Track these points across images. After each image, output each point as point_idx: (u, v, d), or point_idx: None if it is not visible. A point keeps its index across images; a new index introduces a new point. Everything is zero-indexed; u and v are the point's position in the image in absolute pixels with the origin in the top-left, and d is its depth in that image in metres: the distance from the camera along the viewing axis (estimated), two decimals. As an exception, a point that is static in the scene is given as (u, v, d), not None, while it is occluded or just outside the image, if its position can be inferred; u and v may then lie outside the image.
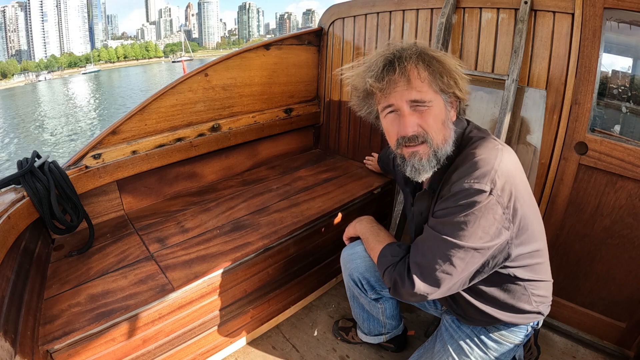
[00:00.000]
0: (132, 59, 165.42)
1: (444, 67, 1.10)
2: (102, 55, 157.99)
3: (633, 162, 1.55)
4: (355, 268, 1.60)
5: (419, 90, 1.09)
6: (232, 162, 2.55)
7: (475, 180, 1.02)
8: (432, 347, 1.50)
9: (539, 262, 1.21)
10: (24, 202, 1.52)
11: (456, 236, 1.04)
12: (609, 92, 1.63)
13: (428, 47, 1.14)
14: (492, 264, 1.11)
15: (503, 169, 1.04)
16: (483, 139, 1.15)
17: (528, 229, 1.11)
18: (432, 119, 1.11)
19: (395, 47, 1.14)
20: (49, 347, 1.25)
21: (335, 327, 1.99)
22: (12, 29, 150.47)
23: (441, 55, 1.12)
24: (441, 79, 1.10)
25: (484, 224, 1.02)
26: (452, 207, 1.06)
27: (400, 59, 1.09)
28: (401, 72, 1.08)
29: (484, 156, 1.06)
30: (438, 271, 1.08)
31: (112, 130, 1.95)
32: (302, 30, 2.76)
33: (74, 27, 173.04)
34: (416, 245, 1.17)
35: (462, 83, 1.14)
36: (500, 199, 1.02)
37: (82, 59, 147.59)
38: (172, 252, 1.71)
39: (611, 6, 1.51)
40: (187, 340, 1.62)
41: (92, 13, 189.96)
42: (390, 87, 1.10)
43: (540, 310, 1.29)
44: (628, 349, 1.78)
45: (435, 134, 1.12)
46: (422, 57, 1.10)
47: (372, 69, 1.13)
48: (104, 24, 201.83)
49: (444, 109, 1.13)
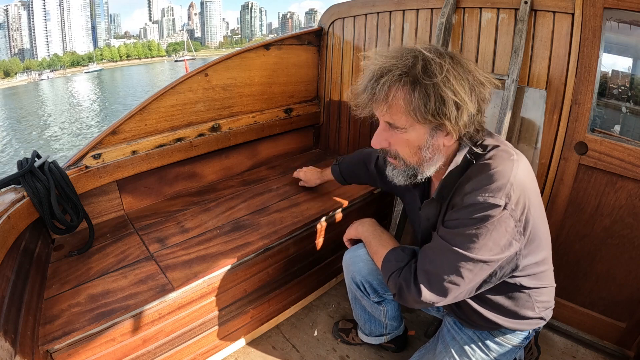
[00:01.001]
0: (134, 58, 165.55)
1: (438, 96, 0.96)
2: (105, 54, 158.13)
3: (633, 162, 1.55)
4: (357, 271, 1.59)
5: (392, 115, 1.04)
6: (232, 162, 2.55)
7: (490, 194, 0.99)
8: (434, 348, 1.50)
9: (545, 270, 1.20)
10: (24, 202, 1.52)
11: (467, 248, 1.03)
12: (609, 92, 1.63)
13: (434, 64, 0.97)
14: (499, 274, 1.10)
15: (518, 182, 1.01)
16: (498, 148, 1.09)
17: (536, 238, 1.09)
18: (404, 144, 1.09)
19: (389, 59, 1.03)
20: (49, 347, 1.25)
21: (335, 329, 1.99)
22: (15, 27, 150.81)
23: (441, 81, 0.96)
24: (424, 108, 0.98)
25: (495, 237, 1.01)
26: (464, 218, 1.03)
27: (384, 78, 1.00)
28: (381, 91, 1.01)
29: (499, 168, 1.02)
30: (446, 281, 1.07)
31: (112, 130, 1.95)
32: (303, 30, 2.76)
33: (77, 26, 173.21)
34: (425, 253, 1.15)
35: (462, 115, 0.99)
36: (514, 212, 1.00)
37: (84, 57, 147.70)
38: (172, 252, 1.71)
39: (611, 6, 1.50)
40: (187, 340, 1.62)
41: (95, 12, 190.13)
42: (372, 101, 1.06)
43: (542, 316, 1.28)
44: (628, 349, 1.78)
45: (407, 157, 1.11)
46: (410, 79, 0.98)
47: (359, 82, 1.09)
48: (106, 23, 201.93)
49: (424, 136, 1.06)
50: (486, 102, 1.05)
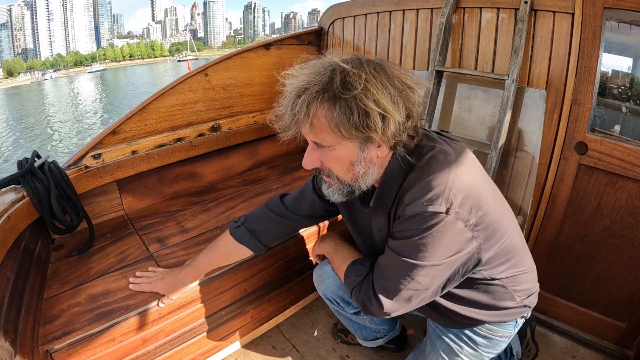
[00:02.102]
0: (137, 58, 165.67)
1: (361, 107, 0.91)
2: (108, 54, 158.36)
3: (633, 162, 1.55)
4: (327, 288, 1.61)
5: (317, 134, 0.99)
6: (232, 162, 2.56)
7: (429, 202, 0.96)
8: (425, 349, 1.50)
9: (515, 256, 1.17)
10: (24, 202, 1.53)
11: (416, 257, 1.01)
12: (609, 92, 1.63)
13: (352, 76, 0.92)
14: (462, 271, 1.08)
15: (459, 185, 0.98)
16: (433, 150, 1.06)
17: (497, 229, 1.06)
18: (335, 161, 1.04)
19: (306, 76, 0.97)
20: (49, 347, 1.25)
21: (335, 330, 1.99)
22: (18, 27, 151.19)
23: (360, 93, 0.91)
24: (347, 124, 0.93)
25: (444, 242, 0.99)
26: (410, 229, 1.01)
27: (302, 97, 0.95)
28: (300, 111, 0.95)
29: (436, 174, 0.99)
30: (403, 290, 1.07)
31: (112, 130, 1.95)
32: (303, 30, 2.76)
33: (80, 26, 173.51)
34: (378, 267, 1.15)
35: (388, 124, 0.94)
36: (460, 215, 0.97)
37: (87, 57, 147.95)
38: (172, 252, 1.71)
39: (611, 6, 1.50)
40: (187, 340, 1.62)
41: (98, 12, 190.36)
42: (294, 122, 0.99)
43: (526, 304, 1.26)
44: (628, 349, 1.77)
45: (341, 174, 1.07)
46: (329, 95, 0.93)
47: (279, 103, 1.03)
48: (109, 23, 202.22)
49: (354, 151, 1.01)
50: (417, 105, 1.00)
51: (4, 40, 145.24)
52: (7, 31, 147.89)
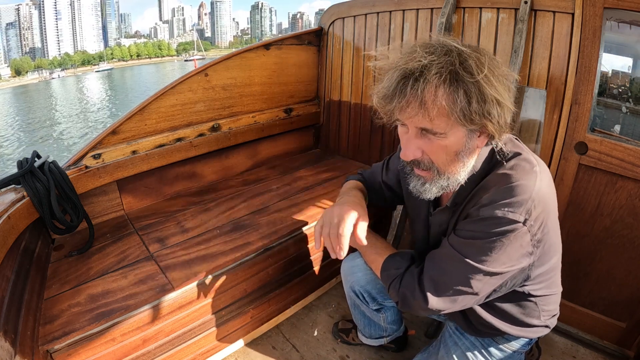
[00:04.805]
0: (145, 58, 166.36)
1: (481, 94, 0.85)
2: (115, 53, 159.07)
3: (633, 162, 1.54)
4: (356, 281, 1.58)
5: (432, 119, 0.89)
6: (232, 162, 2.56)
7: (510, 209, 0.92)
8: (436, 353, 1.48)
9: (553, 277, 1.18)
10: (24, 202, 1.53)
11: (479, 260, 0.97)
12: (609, 92, 1.63)
13: (473, 59, 0.86)
14: (510, 284, 1.06)
15: (540, 197, 0.94)
16: (519, 157, 1.01)
17: (551, 249, 1.05)
18: (441, 150, 0.95)
19: (423, 55, 0.87)
20: (49, 347, 1.25)
21: (335, 329, 1.99)
22: (26, 26, 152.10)
23: (483, 78, 0.85)
24: (468, 109, 0.86)
25: (510, 252, 0.95)
26: (480, 231, 0.97)
27: (418, 79, 0.86)
28: (415, 94, 0.86)
29: (522, 182, 0.94)
30: (454, 290, 1.03)
31: (112, 130, 1.96)
32: (303, 30, 2.76)
33: (88, 26, 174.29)
34: (432, 260, 1.10)
35: (504, 113, 0.89)
36: (532, 228, 0.94)
37: (95, 57, 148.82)
38: (172, 252, 1.71)
39: (611, 6, 1.50)
40: (187, 340, 1.62)
41: (106, 11, 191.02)
42: (401, 106, 0.90)
43: (547, 324, 1.26)
44: (628, 349, 1.77)
45: (443, 166, 0.98)
46: (451, 78, 0.85)
47: (384, 84, 0.92)
48: (117, 22, 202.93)
49: (462, 139, 0.94)
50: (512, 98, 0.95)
51: (12, 39, 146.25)
52: (15, 30, 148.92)
